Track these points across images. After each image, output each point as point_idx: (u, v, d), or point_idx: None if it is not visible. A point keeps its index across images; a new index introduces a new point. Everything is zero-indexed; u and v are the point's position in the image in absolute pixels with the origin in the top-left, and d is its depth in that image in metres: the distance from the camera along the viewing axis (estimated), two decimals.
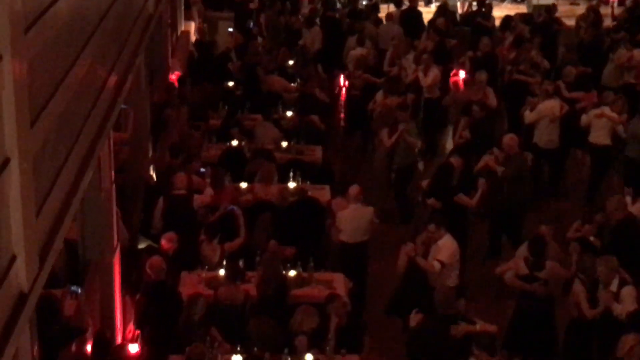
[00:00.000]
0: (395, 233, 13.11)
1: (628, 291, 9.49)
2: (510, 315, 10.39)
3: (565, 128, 14.56)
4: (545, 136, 14.55)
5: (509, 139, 13.08)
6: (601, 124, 14.26)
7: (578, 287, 9.83)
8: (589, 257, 10.23)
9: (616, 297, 9.51)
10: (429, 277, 10.58)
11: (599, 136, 14.31)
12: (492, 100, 15.05)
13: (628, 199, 11.75)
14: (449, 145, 15.55)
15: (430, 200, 12.31)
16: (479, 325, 9.42)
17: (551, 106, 14.46)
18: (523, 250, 10.55)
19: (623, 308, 9.39)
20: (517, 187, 12.76)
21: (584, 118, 14.49)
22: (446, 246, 10.63)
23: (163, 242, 10.73)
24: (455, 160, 12.56)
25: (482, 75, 15.28)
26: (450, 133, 15.71)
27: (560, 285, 10.37)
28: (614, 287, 9.58)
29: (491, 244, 13.00)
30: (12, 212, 5.60)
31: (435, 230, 10.72)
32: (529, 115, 14.59)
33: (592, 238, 11.10)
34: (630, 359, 8.61)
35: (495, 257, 12.35)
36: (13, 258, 5.67)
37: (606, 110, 14.30)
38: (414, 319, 9.54)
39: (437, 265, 10.51)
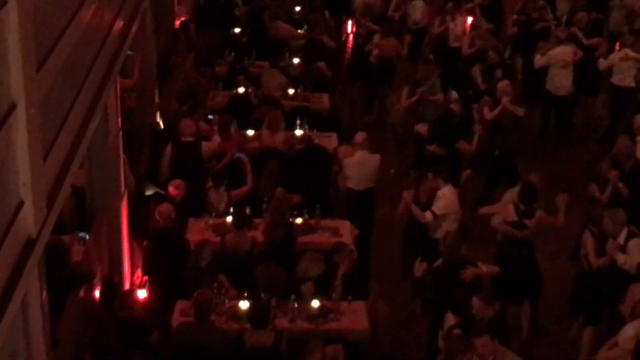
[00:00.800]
0: (402, 180, 13.10)
1: (635, 243, 9.48)
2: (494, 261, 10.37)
3: (577, 75, 14.47)
4: (557, 83, 14.47)
5: (504, 85, 13.02)
6: (625, 66, 14.26)
7: (587, 239, 9.84)
8: (597, 208, 10.22)
9: (623, 249, 9.50)
10: (428, 226, 10.58)
11: (624, 78, 14.30)
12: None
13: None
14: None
15: (432, 147, 12.29)
16: (485, 267, 9.45)
17: (562, 52, 14.37)
18: (511, 195, 10.52)
19: (630, 260, 9.38)
20: (510, 134, 12.75)
21: (603, 62, 14.48)
22: (444, 197, 10.56)
23: (170, 189, 10.76)
24: (455, 107, 12.54)
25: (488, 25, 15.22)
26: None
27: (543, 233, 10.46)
28: (621, 239, 9.56)
29: (484, 192, 13.02)
30: (19, 157, 5.60)
31: (433, 179, 10.69)
32: (538, 60, 14.52)
33: (620, 185, 11.00)
34: (639, 310, 8.62)
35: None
36: (21, 203, 5.69)
37: (629, 52, 14.26)
38: (419, 268, 9.55)
39: (428, 215, 10.48)
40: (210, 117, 12.82)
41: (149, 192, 11.56)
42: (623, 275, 9.33)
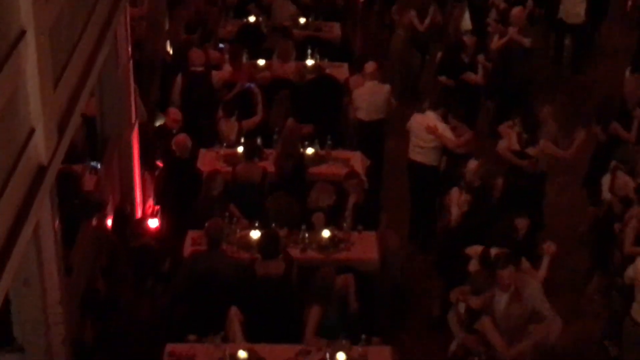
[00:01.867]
0: (412, 112, 13.02)
1: None
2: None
3: (591, 2, 14.27)
4: (570, 10, 14.28)
5: (517, 11, 12.87)
6: None
7: (606, 177, 9.76)
8: (625, 146, 10.13)
9: None
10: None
11: None
12: None
13: None
14: None
15: (442, 78, 12.18)
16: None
17: None
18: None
19: None
20: (520, 65, 12.64)
21: None
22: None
23: (167, 119, 10.70)
24: (468, 39, 12.38)
25: None
26: None
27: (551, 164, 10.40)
28: None
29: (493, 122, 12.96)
30: (29, 84, 5.59)
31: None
32: None
33: None
34: None
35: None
36: (31, 131, 5.70)
37: None
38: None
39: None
40: (220, 45, 12.72)
41: (159, 122, 11.55)
42: None
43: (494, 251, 8.20)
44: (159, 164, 10.49)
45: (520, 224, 8.66)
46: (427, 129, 10.39)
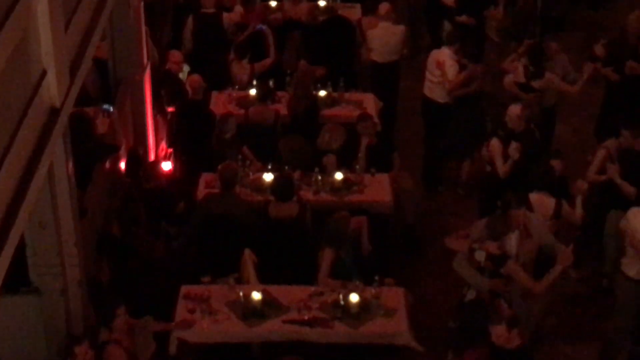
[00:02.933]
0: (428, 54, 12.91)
1: None
2: None
3: None
4: None
5: None
6: None
7: None
8: None
9: None
10: None
11: None
12: None
13: None
14: None
15: (462, 18, 12.02)
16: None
17: None
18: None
19: None
20: None
21: None
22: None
23: (169, 63, 10.62)
24: None
25: None
26: None
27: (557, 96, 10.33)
28: None
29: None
30: (40, 26, 5.56)
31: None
32: None
33: None
34: None
35: None
36: (44, 73, 5.68)
37: None
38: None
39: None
40: None
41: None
42: None
43: (534, 197, 8.25)
44: (169, 108, 10.45)
45: (556, 164, 8.65)
46: (437, 64, 10.32)
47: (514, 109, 9.26)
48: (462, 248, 7.85)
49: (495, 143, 9.24)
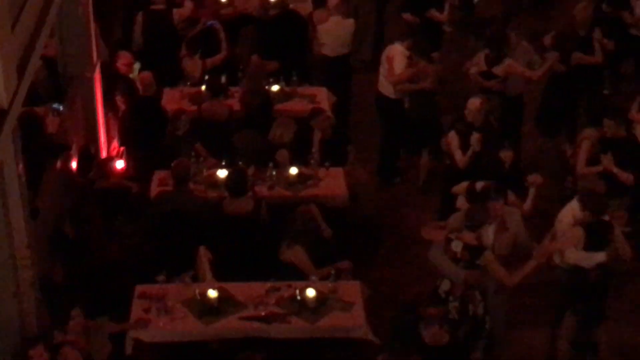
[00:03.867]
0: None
1: None
2: None
3: None
4: None
5: None
6: None
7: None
8: None
9: None
10: None
11: None
12: None
13: None
14: None
15: (406, 15, 11.91)
16: None
17: None
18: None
19: None
20: None
21: None
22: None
23: (119, 64, 10.50)
24: None
25: None
26: None
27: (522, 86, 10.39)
28: None
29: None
30: None
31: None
32: None
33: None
34: None
35: None
36: None
37: None
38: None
39: None
40: None
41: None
42: None
43: (479, 185, 8.26)
44: (120, 105, 10.34)
45: (505, 156, 8.70)
46: (387, 59, 10.34)
47: (474, 102, 9.30)
48: (438, 238, 7.88)
49: (452, 136, 9.28)
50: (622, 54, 11.71)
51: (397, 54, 10.33)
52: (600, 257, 7.73)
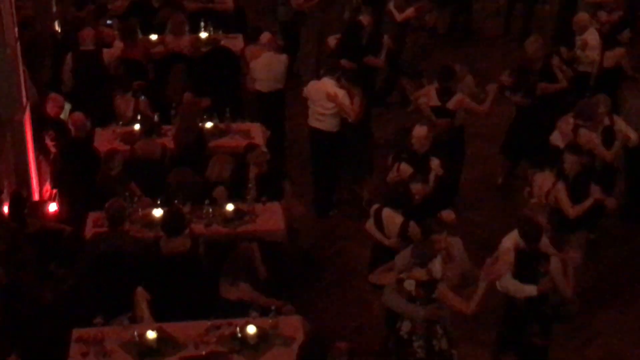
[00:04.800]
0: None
1: None
2: None
3: None
4: None
5: None
6: None
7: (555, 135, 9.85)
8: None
9: None
10: None
11: None
12: None
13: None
14: None
15: (343, 61, 11.77)
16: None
17: None
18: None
19: None
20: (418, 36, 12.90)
21: None
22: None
23: (49, 106, 10.38)
24: (364, 18, 12.25)
25: None
26: None
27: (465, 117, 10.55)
28: None
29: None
30: None
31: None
32: None
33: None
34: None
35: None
36: None
37: None
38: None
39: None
40: (108, 22, 12.46)
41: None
42: None
43: (413, 227, 8.30)
44: (50, 147, 10.21)
45: (415, 188, 8.71)
46: (328, 97, 10.37)
47: (420, 130, 9.37)
48: (388, 281, 7.78)
49: (404, 167, 9.26)
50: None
51: (334, 89, 10.39)
52: (529, 290, 7.66)
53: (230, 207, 9.13)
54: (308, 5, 13.45)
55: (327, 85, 10.45)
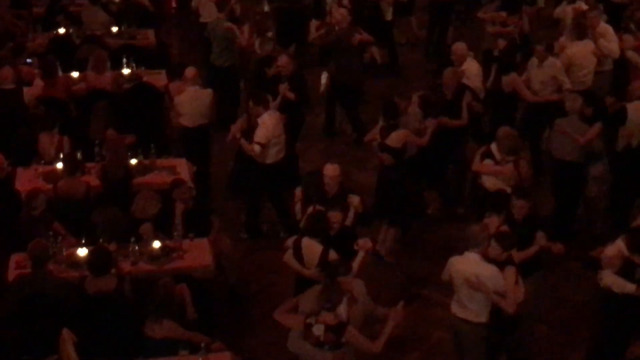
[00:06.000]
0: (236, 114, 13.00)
1: None
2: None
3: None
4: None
5: (340, 13, 13.11)
6: None
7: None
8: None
9: None
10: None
11: None
12: None
13: None
14: None
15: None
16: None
17: None
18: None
19: None
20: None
21: None
22: (264, 124, 10.55)
23: None
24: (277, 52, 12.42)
25: None
26: None
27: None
28: None
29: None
30: None
31: (254, 106, 10.60)
32: None
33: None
34: None
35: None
36: None
37: None
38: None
39: (257, 148, 10.47)
40: (28, 60, 12.30)
41: None
42: None
43: (332, 255, 8.30)
44: None
45: (333, 217, 8.70)
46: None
47: (331, 170, 9.37)
48: (295, 325, 7.68)
49: (335, 214, 8.99)
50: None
51: (265, 118, 10.51)
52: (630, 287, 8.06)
53: (156, 244, 9.03)
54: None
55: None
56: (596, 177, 10.65)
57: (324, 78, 13.10)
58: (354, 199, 9.27)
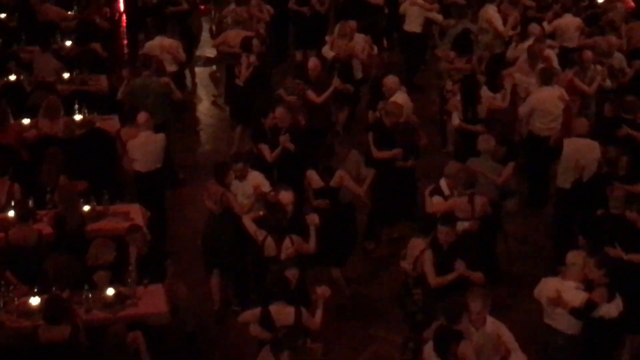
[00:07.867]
0: (192, 158, 12.98)
1: None
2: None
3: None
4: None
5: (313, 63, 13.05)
6: (413, 11, 15.68)
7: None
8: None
9: None
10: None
11: (411, 24, 15.76)
12: None
13: None
14: None
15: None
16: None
17: None
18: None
19: None
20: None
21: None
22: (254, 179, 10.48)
23: None
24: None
25: None
26: None
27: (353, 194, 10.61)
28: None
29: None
30: None
31: (243, 167, 10.49)
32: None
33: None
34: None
35: None
36: None
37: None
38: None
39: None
40: None
41: None
42: None
43: (274, 309, 8.23)
44: None
45: (291, 275, 8.66)
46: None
47: (286, 196, 9.58)
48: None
49: (287, 242, 9.30)
50: None
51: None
52: None
53: (110, 291, 8.92)
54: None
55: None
56: (509, 212, 11.16)
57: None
58: (313, 218, 9.38)
